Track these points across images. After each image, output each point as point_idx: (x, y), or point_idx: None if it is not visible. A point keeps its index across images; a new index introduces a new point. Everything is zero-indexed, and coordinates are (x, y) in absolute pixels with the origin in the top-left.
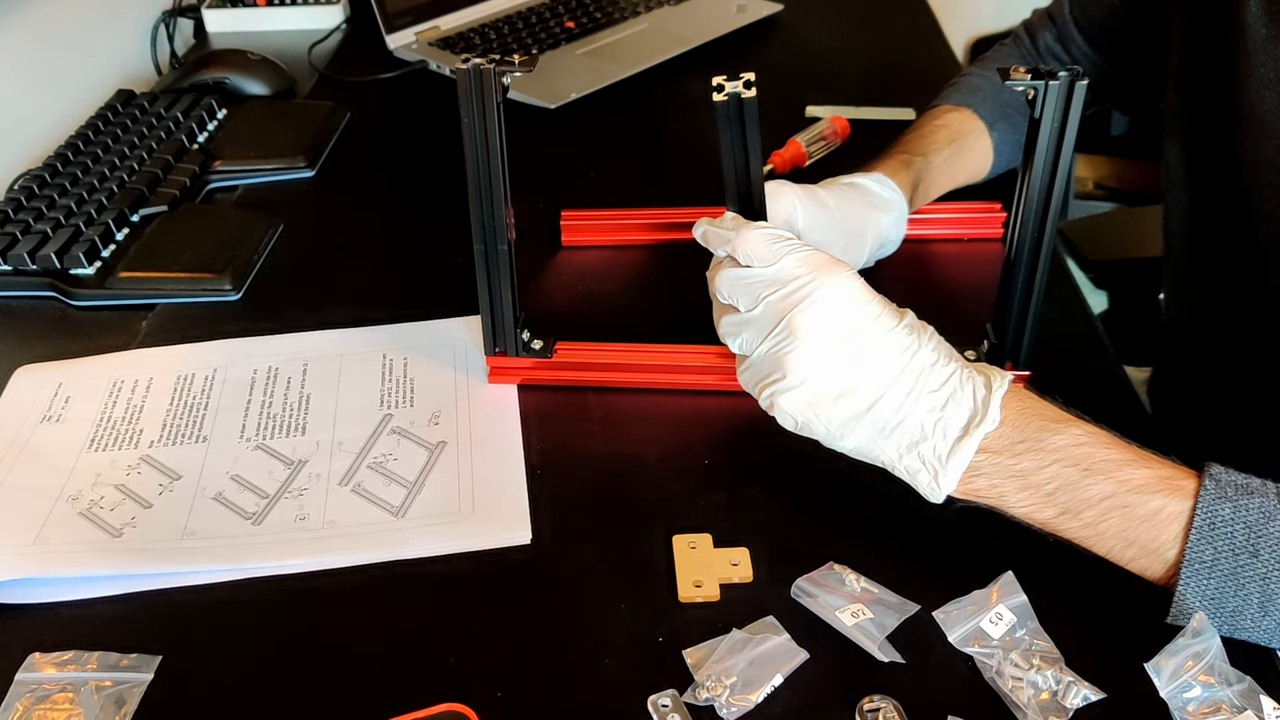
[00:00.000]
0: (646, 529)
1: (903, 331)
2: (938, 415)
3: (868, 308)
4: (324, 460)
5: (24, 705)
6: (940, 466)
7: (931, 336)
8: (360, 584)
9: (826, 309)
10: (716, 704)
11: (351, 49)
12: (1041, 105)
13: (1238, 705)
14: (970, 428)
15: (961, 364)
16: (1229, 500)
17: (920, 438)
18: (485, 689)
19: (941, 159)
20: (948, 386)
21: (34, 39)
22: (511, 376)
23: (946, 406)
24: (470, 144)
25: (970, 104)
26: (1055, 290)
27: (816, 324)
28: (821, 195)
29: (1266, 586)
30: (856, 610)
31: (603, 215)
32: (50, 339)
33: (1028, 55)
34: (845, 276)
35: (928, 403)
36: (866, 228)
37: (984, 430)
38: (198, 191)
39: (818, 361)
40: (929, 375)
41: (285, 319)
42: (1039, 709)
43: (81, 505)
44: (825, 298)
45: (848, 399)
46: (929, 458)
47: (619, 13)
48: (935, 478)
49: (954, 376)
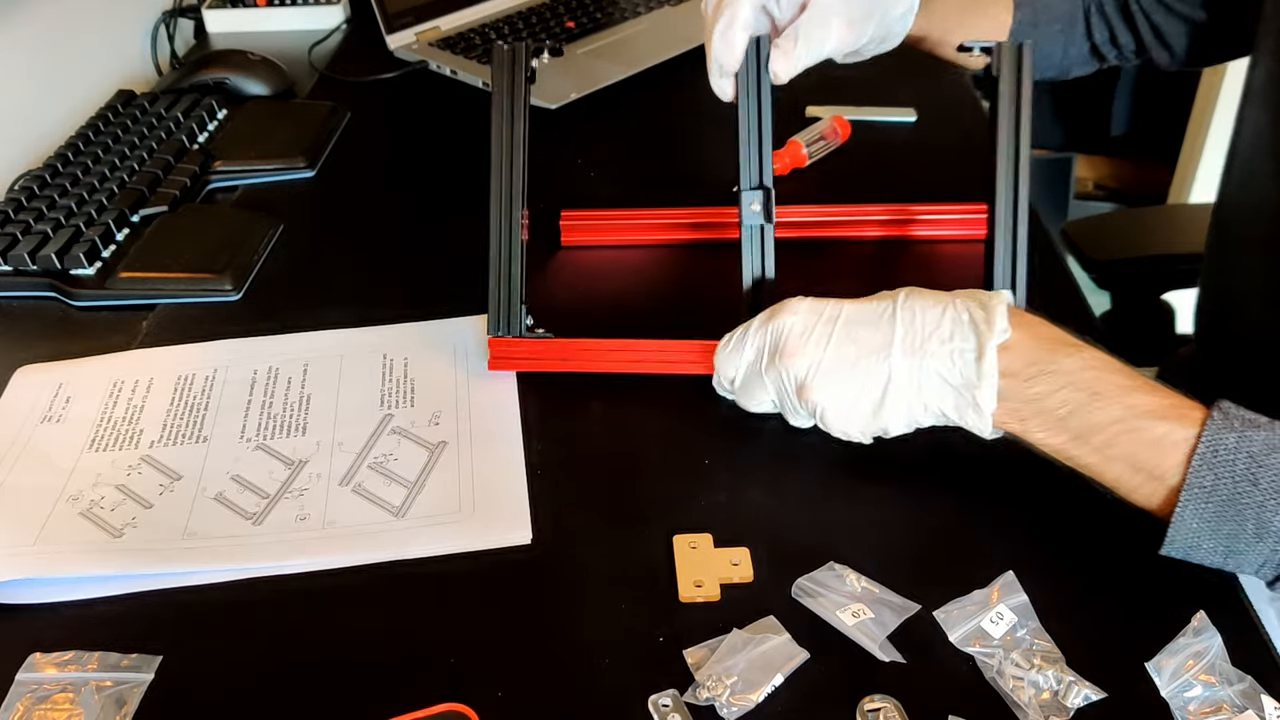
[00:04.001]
0: (646, 529)
1: (874, 303)
2: (949, 346)
3: (828, 310)
4: (324, 460)
5: (24, 705)
6: (975, 389)
7: (909, 291)
8: (360, 584)
9: (796, 334)
10: (717, 704)
11: (352, 49)
12: (998, 64)
13: (1239, 704)
14: (984, 344)
15: (951, 295)
16: (1234, 431)
17: (946, 372)
18: (485, 689)
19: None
20: (946, 318)
21: (34, 39)
22: (511, 363)
23: (953, 336)
24: (497, 116)
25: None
26: (1056, 290)
27: (799, 349)
28: None
29: (1262, 515)
30: (857, 610)
31: (603, 215)
32: (50, 339)
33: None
34: (792, 303)
35: (935, 342)
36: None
37: (996, 341)
38: (198, 192)
39: (821, 373)
40: (923, 318)
41: (285, 319)
42: (1040, 709)
43: (82, 505)
44: (789, 326)
45: (866, 391)
46: (961, 387)
47: (619, 13)
48: (975, 402)
49: (948, 308)
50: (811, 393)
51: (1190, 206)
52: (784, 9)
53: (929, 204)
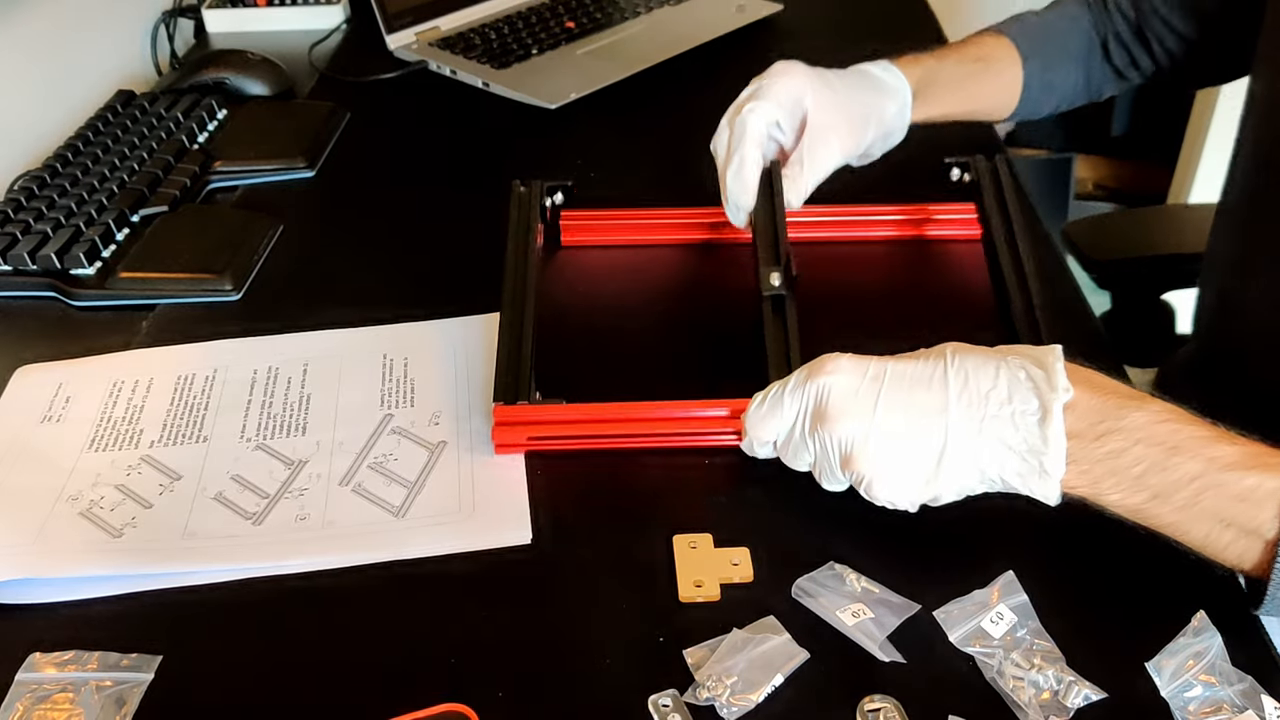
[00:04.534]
0: (646, 529)
1: (920, 361)
2: (1010, 408)
3: (872, 368)
4: (324, 460)
5: (24, 705)
6: (1041, 454)
7: (954, 347)
8: (360, 584)
9: (840, 396)
10: (717, 704)
11: (352, 49)
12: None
13: (1239, 705)
14: (1048, 403)
15: (999, 353)
16: None
17: (1007, 437)
18: (485, 689)
19: (961, 72)
20: (1001, 377)
21: (34, 39)
22: (520, 430)
23: (1012, 397)
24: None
25: (1012, 35)
26: (1057, 290)
27: (845, 415)
28: (830, 77)
29: None
30: (857, 610)
31: (603, 215)
32: (50, 339)
33: (1094, 5)
34: (832, 362)
35: (993, 404)
36: (870, 111)
37: (1061, 400)
38: (198, 192)
39: (870, 443)
40: (977, 378)
41: (285, 319)
42: (1040, 709)
43: (82, 505)
44: (831, 387)
45: (918, 460)
46: (1025, 453)
47: (619, 13)
48: (1042, 468)
49: (1001, 367)
50: (858, 463)
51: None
52: (787, 132)
53: (930, 204)
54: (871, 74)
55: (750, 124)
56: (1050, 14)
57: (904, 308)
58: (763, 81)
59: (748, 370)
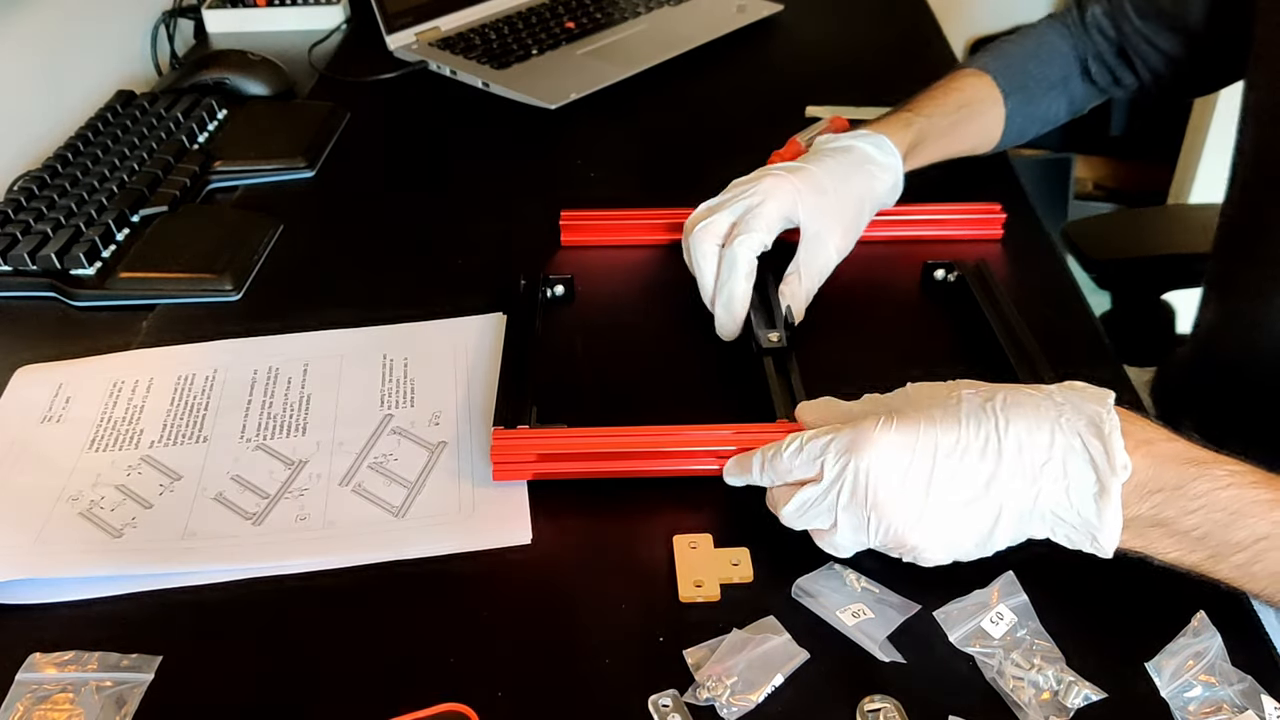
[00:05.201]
0: (646, 529)
1: (970, 429)
2: (1064, 483)
3: (919, 441)
4: (324, 460)
5: (24, 705)
6: (1095, 530)
7: (1003, 400)
8: (360, 584)
9: (889, 481)
10: (717, 704)
11: (351, 49)
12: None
13: (1239, 705)
14: (1106, 482)
15: (1053, 408)
16: None
17: (1062, 511)
18: (485, 689)
19: (947, 122)
20: (1057, 446)
21: (34, 39)
22: (520, 452)
23: (1067, 471)
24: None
25: (992, 70)
26: (1056, 290)
27: (895, 499)
28: (820, 179)
29: None
30: (857, 610)
31: (603, 215)
32: (50, 339)
33: (1074, 27)
34: (874, 444)
35: (1047, 476)
36: (864, 202)
37: (1120, 480)
38: (198, 192)
39: (923, 522)
40: (1031, 446)
41: (285, 319)
42: (1040, 708)
43: (82, 505)
44: (878, 472)
45: (971, 526)
46: (1079, 525)
47: (619, 13)
48: (1095, 542)
49: (1056, 432)
50: (910, 540)
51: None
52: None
53: (931, 204)
54: (864, 153)
55: (740, 257)
56: (1030, 42)
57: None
58: (749, 200)
59: (749, 371)
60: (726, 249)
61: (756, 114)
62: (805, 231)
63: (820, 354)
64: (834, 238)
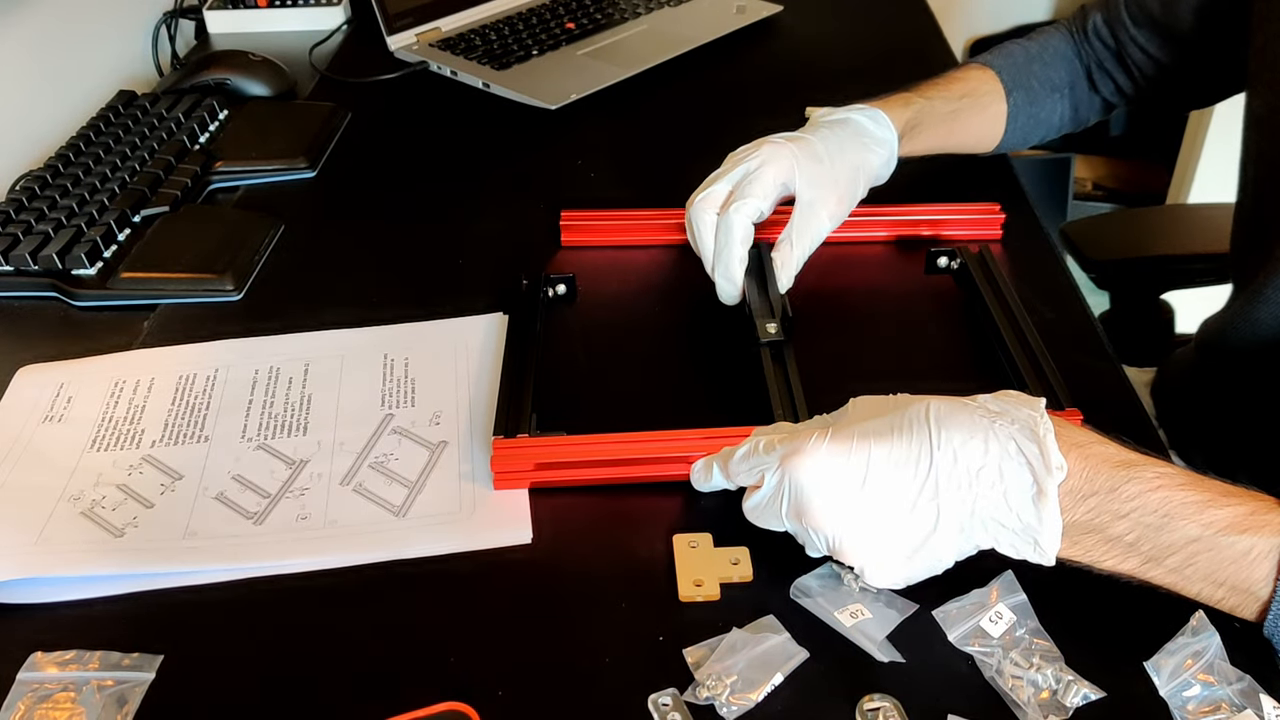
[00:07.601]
0: (646, 528)
1: (903, 439)
2: (1001, 487)
3: (853, 453)
4: (325, 460)
5: (26, 705)
6: (1036, 534)
7: (937, 411)
8: (360, 584)
9: (821, 492)
10: (717, 703)
11: (352, 50)
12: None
13: (1237, 704)
14: (1043, 483)
15: (986, 415)
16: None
17: (1001, 516)
18: (485, 689)
19: (948, 109)
20: (991, 453)
21: (34, 39)
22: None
23: (1003, 475)
24: (512, 337)
25: (996, 66)
26: (1056, 290)
27: (829, 511)
28: (817, 148)
29: None
30: (856, 610)
31: (603, 215)
32: (52, 339)
33: (1077, 34)
34: (807, 457)
35: (984, 482)
36: (859, 172)
37: (1056, 480)
38: (199, 192)
39: (860, 534)
40: (965, 456)
41: (286, 319)
42: (1039, 708)
43: (83, 505)
44: (810, 484)
45: (909, 536)
46: (1020, 530)
47: (619, 13)
48: (1037, 545)
49: (990, 440)
50: (849, 556)
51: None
52: (769, 210)
53: (931, 204)
54: (860, 126)
55: (736, 224)
56: (1035, 44)
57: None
58: (747, 166)
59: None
60: (722, 216)
61: (756, 115)
62: (800, 198)
63: (821, 351)
64: (828, 206)
